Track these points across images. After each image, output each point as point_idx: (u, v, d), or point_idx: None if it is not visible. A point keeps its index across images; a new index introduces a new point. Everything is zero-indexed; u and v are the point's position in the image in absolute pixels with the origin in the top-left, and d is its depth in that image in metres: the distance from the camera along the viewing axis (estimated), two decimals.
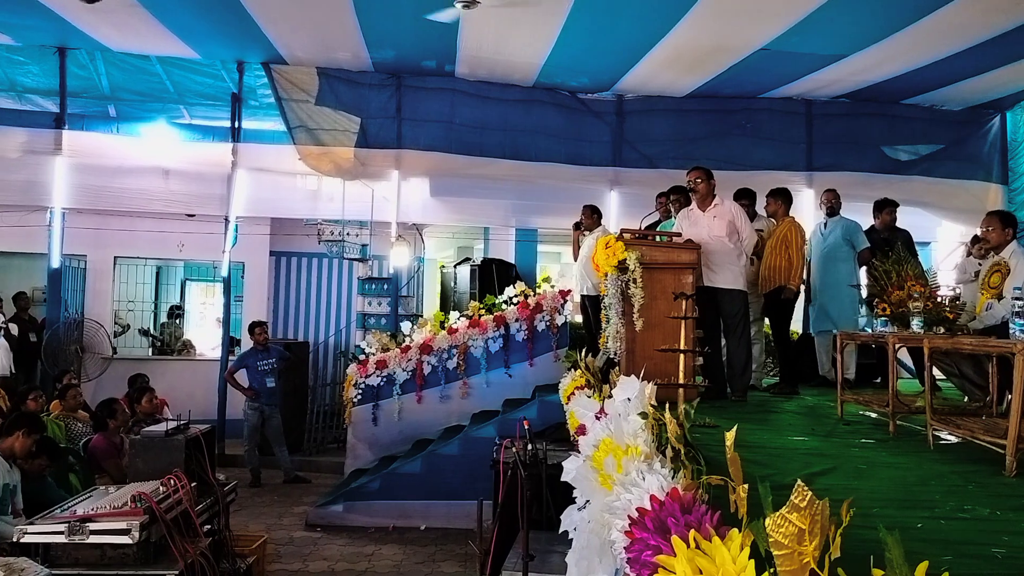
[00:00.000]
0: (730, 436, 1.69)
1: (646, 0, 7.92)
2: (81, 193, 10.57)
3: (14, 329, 9.90)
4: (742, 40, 8.81)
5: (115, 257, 11.75)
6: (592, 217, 8.63)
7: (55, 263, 10.62)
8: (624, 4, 8.01)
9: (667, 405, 2.22)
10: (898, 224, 7.63)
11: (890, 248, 6.10)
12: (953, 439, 4.17)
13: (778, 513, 1.35)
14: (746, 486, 1.60)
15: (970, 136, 11.30)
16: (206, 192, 10.85)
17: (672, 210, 7.36)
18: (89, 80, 10.75)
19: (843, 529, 1.35)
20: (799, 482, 1.36)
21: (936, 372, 6.81)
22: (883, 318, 5.00)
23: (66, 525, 4.04)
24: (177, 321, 13.12)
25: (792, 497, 1.35)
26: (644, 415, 2.41)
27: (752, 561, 1.44)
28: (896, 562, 1.22)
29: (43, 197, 10.46)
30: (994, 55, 8.80)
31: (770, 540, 1.36)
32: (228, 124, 10.87)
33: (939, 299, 4.83)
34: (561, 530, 2.76)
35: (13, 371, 9.58)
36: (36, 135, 10.44)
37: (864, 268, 7.29)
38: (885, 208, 7.58)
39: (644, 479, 2.01)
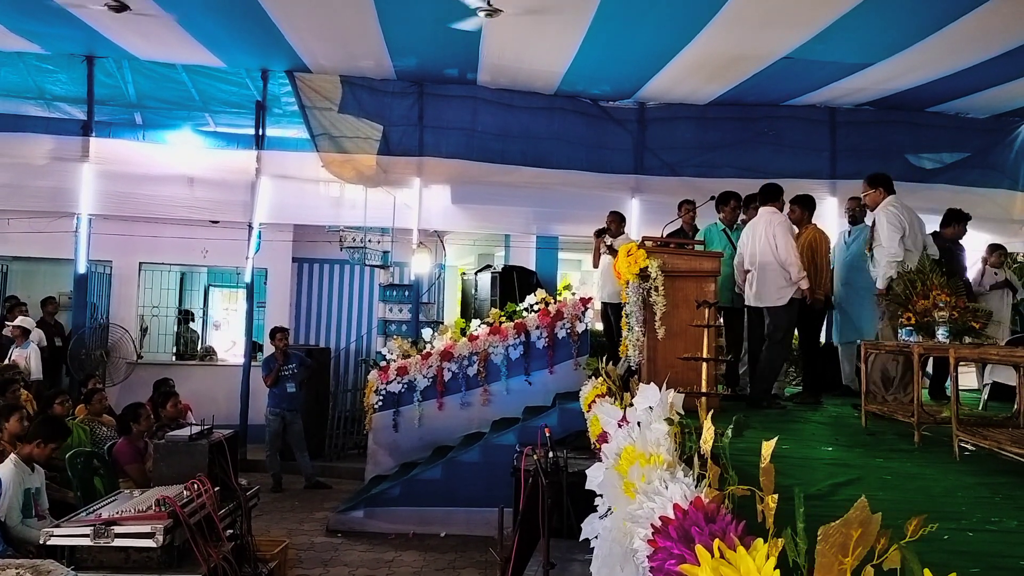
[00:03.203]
0: (768, 447, 1.68)
1: (669, 8, 7.92)
2: (107, 200, 10.69)
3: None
4: (765, 48, 8.78)
5: (140, 263, 11.88)
6: (619, 224, 8.63)
7: (81, 269, 10.76)
8: (647, 13, 8.01)
9: (709, 414, 2.20)
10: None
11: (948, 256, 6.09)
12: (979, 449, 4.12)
13: (832, 524, 1.35)
14: (775, 496, 1.59)
15: (995, 144, 11.21)
16: (230, 199, 10.93)
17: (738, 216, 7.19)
18: (116, 88, 10.92)
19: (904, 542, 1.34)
20: (863, 498, 1.36)
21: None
22: (908, 328, 4.95)
23: (91, 528, 4.09)
24: (190, 326, 13.20)
25: (852, 512, 1.35)
26: (670, 421, 2.41)
27: (778, 571, 1.43)
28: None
29: (70, 203, 10.60)
30: (1019, 63, 8.72)
31: (817, 548, 1.35)
32: (252, 132, 10.99)
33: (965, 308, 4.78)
34: (582, 538, 2.75)
35: (41, 376, 9.69)
36: (64, 142, 10.59)
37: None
38: (952, 222, 7.33)
39: (667, 488, 2.00)
